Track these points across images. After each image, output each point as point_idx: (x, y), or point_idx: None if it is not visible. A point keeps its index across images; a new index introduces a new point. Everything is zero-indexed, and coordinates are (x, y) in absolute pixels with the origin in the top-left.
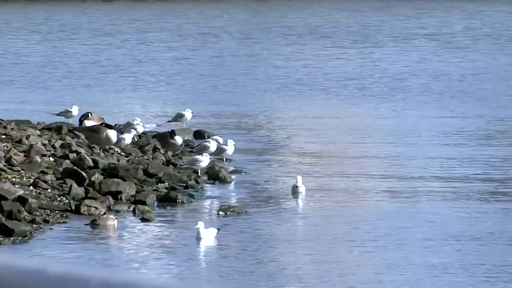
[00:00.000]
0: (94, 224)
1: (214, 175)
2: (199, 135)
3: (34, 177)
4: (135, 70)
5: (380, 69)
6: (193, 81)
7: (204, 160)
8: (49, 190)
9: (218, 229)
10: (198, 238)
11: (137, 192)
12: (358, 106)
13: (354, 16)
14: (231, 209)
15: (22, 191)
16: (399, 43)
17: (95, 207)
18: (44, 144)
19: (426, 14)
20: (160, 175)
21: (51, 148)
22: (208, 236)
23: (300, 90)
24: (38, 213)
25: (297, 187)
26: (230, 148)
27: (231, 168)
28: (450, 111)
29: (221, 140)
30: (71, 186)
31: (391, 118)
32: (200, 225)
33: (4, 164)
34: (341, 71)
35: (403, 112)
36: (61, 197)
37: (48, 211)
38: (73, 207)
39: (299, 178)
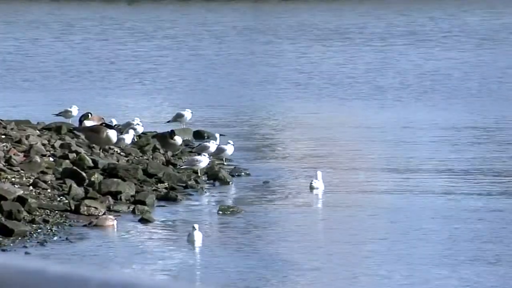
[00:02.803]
0: (93, 224)
1: (214, 175)
2: (199, 135)
3: (34, 177)
4: (135, 70)
5: (379, 68)
6: (193, 81)
7: (204, 160)
8: (48, 190)
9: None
10: (192, 241)
11: (136, 192)
12: (357, 105)
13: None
14: (231, 209)
15: (22, 191)
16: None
17: (95, 207)
18: (44, 144)
19: (407, 13)
20: (159, 175)
21: (51, 148)
22: (200, 239)
23: (300, 90)
24: (38, 213)
25: (312, 184)
26: (229, 148)
27: (231, 168)
28: (443, 109)
29: (220, 140)
30: (70, 186)
31: (390, 117)
32: (195, 227)
33: (4, 164)
34: (339, 71)
35: (402, 110)
36: (61, 197)
37: (48, 211)
38: (73, 207)
39: (319, 173)
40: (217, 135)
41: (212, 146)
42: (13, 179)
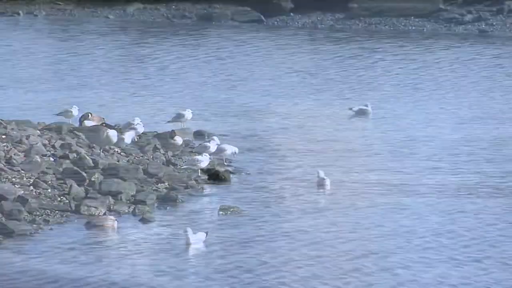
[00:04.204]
0: (93, 224)
1: (214, 175)
2: (199, 135)
3: (34, 177)
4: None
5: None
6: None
7: (204, 160)
8: (49, 190)
9: (207, 233)
10: (188, 244)
11: (137, 192)
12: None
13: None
14: (231, 209)
15: (22, 191)
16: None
17: (95, 207)
18: (44, 144)
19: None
20: (160, 175)
21: (51, 148)
22: (198, 241)
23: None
24: (38, 213)
25: (324, 179)
26: (230, 148)
27: (231, 168)
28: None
29: (218, 140)
30: (71, 186)
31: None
32: (188, 231)
33: (4, 164)
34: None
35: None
36: (61, 197)
37: (48, 211)
38: (73, 207)
39: (321, 172)
40: (216, 138)
41: (213, 145)
42: (13, 179)
